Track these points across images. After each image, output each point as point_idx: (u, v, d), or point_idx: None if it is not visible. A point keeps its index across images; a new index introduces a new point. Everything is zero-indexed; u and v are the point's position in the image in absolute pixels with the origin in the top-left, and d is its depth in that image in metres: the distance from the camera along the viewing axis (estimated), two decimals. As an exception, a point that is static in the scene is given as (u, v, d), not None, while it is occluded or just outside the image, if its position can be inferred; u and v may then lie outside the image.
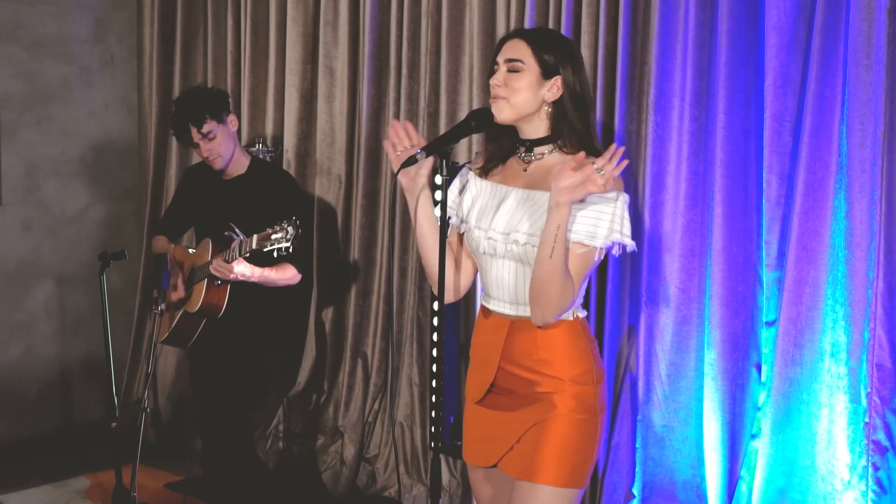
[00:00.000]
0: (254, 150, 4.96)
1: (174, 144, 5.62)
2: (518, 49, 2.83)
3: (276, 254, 3.73)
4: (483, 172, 2.98)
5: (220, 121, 4.16)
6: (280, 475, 5.07)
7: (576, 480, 2.83)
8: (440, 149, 2.87)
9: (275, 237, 3.70)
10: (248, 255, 3.87)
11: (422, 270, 4.67)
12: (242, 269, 3.96)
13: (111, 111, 5.80)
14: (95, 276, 4.81)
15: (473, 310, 3.94)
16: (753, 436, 3.69)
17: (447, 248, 2.94)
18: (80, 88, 5.67)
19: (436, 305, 4.24)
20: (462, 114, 4.43)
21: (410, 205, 2.92)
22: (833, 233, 3.45)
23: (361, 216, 4.88)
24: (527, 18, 4.12)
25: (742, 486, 3.71)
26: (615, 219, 2.75)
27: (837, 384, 3.47)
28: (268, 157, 5.03)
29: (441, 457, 4.29)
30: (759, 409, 3.67)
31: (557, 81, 2.82)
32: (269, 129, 5.23)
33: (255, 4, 5.26)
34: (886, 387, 3.38)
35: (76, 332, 5.73)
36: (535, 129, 2.87)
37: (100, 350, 5.38)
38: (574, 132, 2.84)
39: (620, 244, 2.78)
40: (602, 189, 2.65)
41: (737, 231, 3.67)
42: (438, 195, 4.19)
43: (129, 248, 5.00)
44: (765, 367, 3.66)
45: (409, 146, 2.88)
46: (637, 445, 3.91)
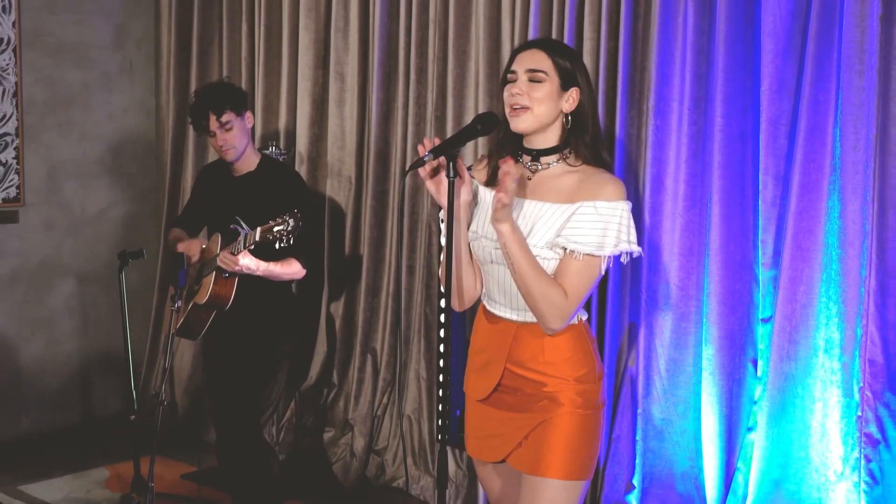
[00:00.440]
0: (267, 152, 4.97)
1: (191, 147, 5.64)
2: (539, 59, 2.81)
3: (279, 245, 3.75)
4: (490, 180, 2.96)
5: (239, 114, 4.19)
6: (292, 466, 5.08)
7: (583, 473, 2.85)
8: (448, 151, 2.87)
9: (277, 229, 3.71)
10: (253, 248, 3.88)
11: (429, 269, 4.67)
12: (247, 262, 3.96)
13: (130, 115, 5.81)
14: (115, 274, 4.84)
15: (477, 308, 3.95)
16: (749, 429, 3.69)
17: (470, 258, 2.96)
18: (101, 93, 5.68)
19: (443, 303, 4.25)
20: (468, 117, 4.44)
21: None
22: (827, 232, 3.45)
23: (371, 216, 4.89)
24: (531, 26, 4.12)
25: (738, 478, 3.71)
26: (622, 228, 2.74)
27: (831, 379, 3.47)
28: (281, 159, 5.04)
29: (448, 449, 4.29)
30: (755, 403, 3.68)
31: (574, 92, 2.81)
32: (282, 132, 5.24)
33: (269, 12, 5.27)
34: (878, 381, 3.38)
35: (96, 329, 5.74)
36: (546, 140, 2.85)
37: (119, 345, 5.39)
38: (585, 144, 2.82)
39: (628, 252, 2.78)
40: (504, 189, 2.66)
41: (734, 231, 3.67)
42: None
43: (147, 248, 5.02)
44: (761, 363, 3.66)
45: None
46: (637, 438, 3.91)
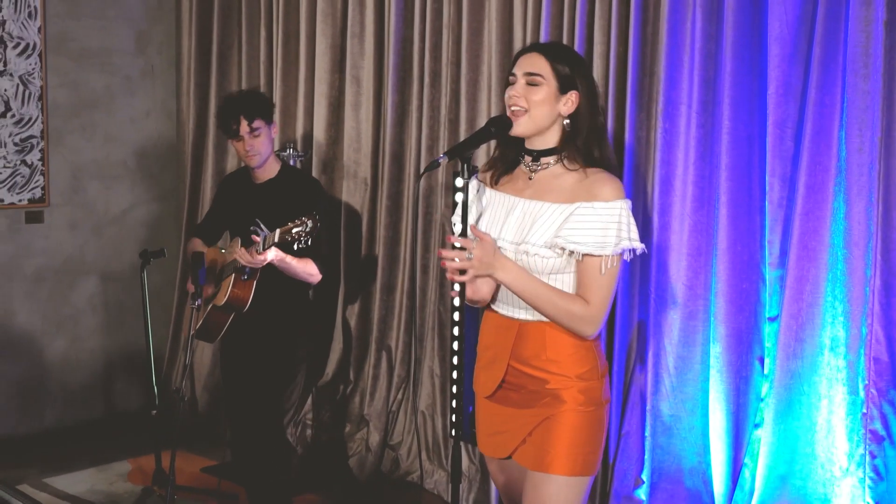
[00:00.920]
0: (285, 154, 4.98)
1: (210, 149, 5.65)
2: (536, 63, 2.81)
3: (297, 246, 3.76)
4: (493, 182, 2.97)
5: (268, 123, 4.23)
6: (309, 461, 5.08)
7: (586, 469, 2.85)
8: (461, 153, 2.87)
9: (295, 230, 3.72)
10: (272, 249, 3.91)
11: (443, 269, 4.66)
12: (267, 253, 3.97)
13: (151, 118, 5.83)
14: (137, 273, 4.85)
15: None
16: (756, 425, 3.68)
17: None
18: (123, 97, 5.69)
19: (456, 301, 4.25)
20: (481, 121, 4.44)
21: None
22: (832, 233, 3.44)
23: (386, 217, 4.89)
24: (542, 31, 4.12)
25: (745, 473, 3.70)
26: (622, 226, 2.74)
27: (836, 377, 3.46)
28: (298, 161, 5.04)
29: (461, 444, 4.29)
30: (762, 400, 3.66)
31: (573, 96, 2.81)
32: (300, 135, 5.24)
33: (287, 18, 5.27)
34: (883, 379, 3.37)
35: (119, 326, 5.76)
36: (545, 141, 2.85)
37: (141, 342, 5.40)
38: (577, 149, 2.82)
39: (631, 249, 2.77)
40: (462, 267, 2.71)
41: (741, 231, 3.66)
42: (459, 197, 4.21)
43: (168, 247, 5.02)
44: (767, 361, 3.65)
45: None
46: (646, 434, 3.90)
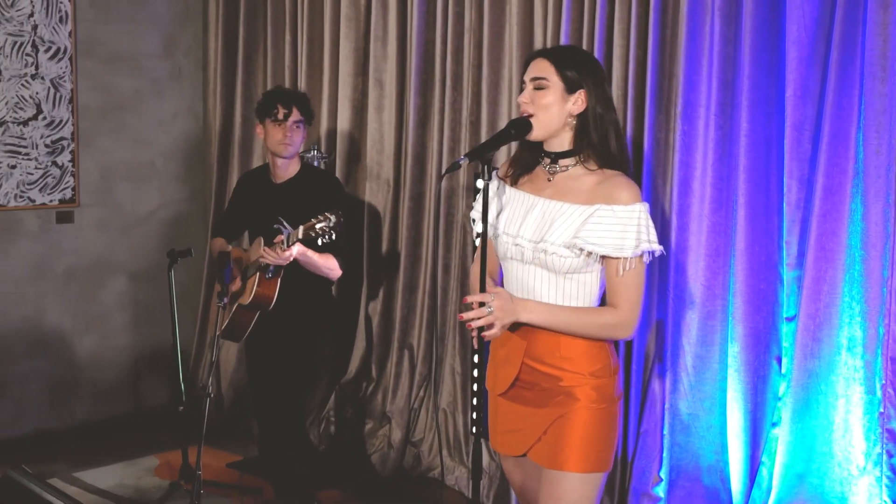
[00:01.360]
0: (309, 156, 4.99)
1: (236, 150, 5.66)
2: (542, 67, 2.83)
3: (321, 241, 3.76)
4: (512, 181, 2.98)
5: (307, 123, 4.34)
6: (332, 456, 5.09)
7: (600, 466, 2.84)
8: (482, 155, 2.87)
9: (319, 226, 3.73)
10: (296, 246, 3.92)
11: (464, 268, 4.67)
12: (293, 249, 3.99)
13: (179, 120, 5.85)
14: (164, 272, 4.86)
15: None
16: (774, 424, 3.66)
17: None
18: (151, 99, 5.72)
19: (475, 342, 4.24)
20: (501, 123, 4.43)
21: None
22: (850, 234, 3.41)
23: (408, 217, 4.89)
24: (562, 34, 4.11)
25: (763, 471, 3.68)
26: (640, 228, 2.74)
27: (853, 376, 3.43)
28: (322, 163, 5.05)
29: (481, 441, 4.29)
30: (780, 399, 3.64)
31: (581, 95, 2.81)
32: (324, 137, 5.25)
33: (311, 22, 5.28)
34: (900, 379, 3.35)
35: (146, 324, 5.78)
36: (561, 143, 2.87)
37: (168, 340, 5.42)
38: (593, 147, 2.83)
39: (649, 251, 2.77)
40: (487, 322, 2.72)
41: (759, 232, 3.64)
42: (480, 198, 4.21)
43: (195, 246, 5.04)
44: (785, 360, 3.63)
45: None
46: (664, 432, 3.89)
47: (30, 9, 5.19)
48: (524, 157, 2.95)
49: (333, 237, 3.74)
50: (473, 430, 4.25)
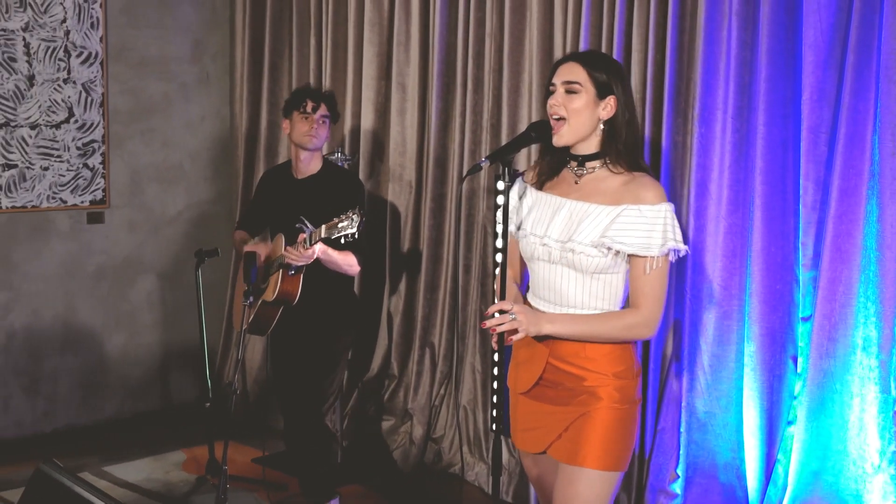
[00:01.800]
0: (333, 158, 5.00)
1: (262, 153, 5.68)
2: (574, 71, 2.81)
3: (344, 240, 3.77)
4: (538, 184, 2.97)
5: (334, 120, 4.39)
6: (354, 452, 5.10)
7: (618, 464, 2.85)
8: (503, 157, 2.88)
9: (341, 225, 3.73)
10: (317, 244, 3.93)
11: (484, 268, 4.67)
12: (315, 248, 4.00)
13: (206, 123, 5.87)
14: (191, 271, 4.89)
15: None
16: (790, 422, 3.64)
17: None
18: (179, 103, 5.75)
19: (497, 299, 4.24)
20: (522, 126, 4.43)
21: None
22: (865, 235, 3.39)
23: (430, 218, 4.89)
24: (581, 39, 4.10)
25: (779, 469, 3.66)
26: (666, 228, 2.74)
27: (868, 375, 3.41)
28: (346, 164, 5.06)
29: (501, 438, 4.29)
30: (795, 398, 3.63)
31: (611, 101, 2.80)
32: (347, 140, 5.26)
33: (335, 27, 5.29)
34: (915, 378, 3.33)
35: (174, 322, 5.81)
36: (588, 146, 2.86)
37: (195, 338, 5.46)
38: (620, 151, 2.82)
39: (675, 250, 2.77)
40: (512, 327, 2.72)
41: (775, 234, 3.63)
42: (500, 200, 4.21)
43: (222, 247, 5.06)
44: (800, 360, 3.61)
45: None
46: (681, 430, 3.88)
47: (62, 15, 5.23)
48: (550, 161, 2.95)
49: (356, 236, 3.75)
50: (494, 428, 4.25)
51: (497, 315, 2.76)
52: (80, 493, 2.86)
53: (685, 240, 3.74)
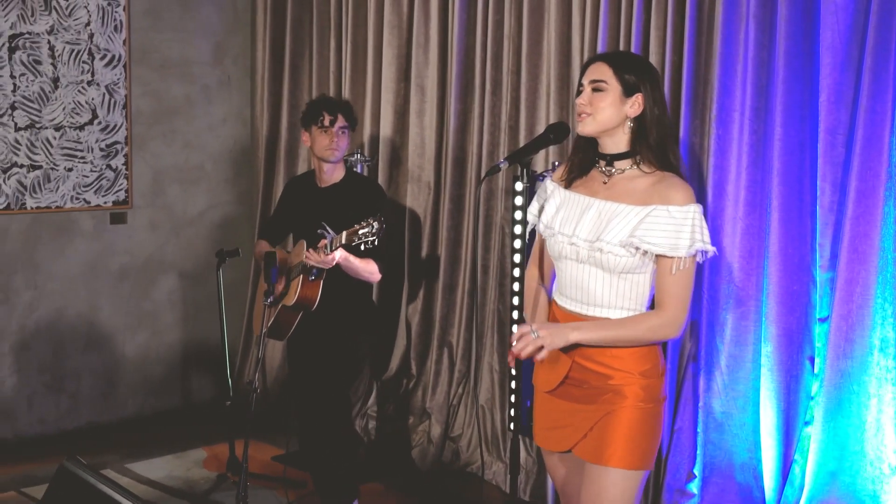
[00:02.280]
0: (353, 159, 5.01)
1: (282, 154, 5.70)
2: (601, 71, 2.82)
3: (364, 247, 3.78)
4: (567, 183, 2.96)
5: (352, 128, 4.35)
6: (373, 451, 5.10)
7: (643, 463, 2.83)
8: (521, 159, 2.88)
9: (362, 232, 3.74)
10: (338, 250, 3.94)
11: (502, 268, 4.67)
12: (335, 253, 4.00)
13: (227, 125, 5.89)
14: (212, 271, 4.91)
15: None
16: (807, 423, 3.63)
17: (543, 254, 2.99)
18: (201, 105, 5.77)
19: (515, 300, 4.24)
20: (540, 127, 4.43)
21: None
22: (883, 237, 3.38)
23: (448, 219, 4.89)
24: (599, 41, 4.10)
25: (796, 469, 3.65)
26: (695, 228, 2.73)
27: (885, 376, 3.40)
28: (365, 166, 5.07)
29: (519, 438, 4.28)
30: (812, 399, 3.61)
31: (639, 98, 2.80)
32: (366, 141, 5.27)
33: (355, 30, 5.30)
34: (932, 379, 3.31)
35: (195, 321, 5.83)
36: (617, 144, 2.84)
37: (216, 337, 5.47)
38: (651, 149, 2.81)
39: (703, 251, 2.76)
40: (537, 346, 2.71)
41: (792, 235, 3.62)
42: (519, 201, 4.21)
43: (243, 247, 5.08)
44: (818, 360, 3.60)
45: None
46: (698, 430, 3.87)
47: (86, 18, 5.26)
48: (580, 160, 2.94)
49: (375, 243, 3.76)
50: (512, 427, 4.25)
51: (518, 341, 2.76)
52: (103, 490, 2.87)
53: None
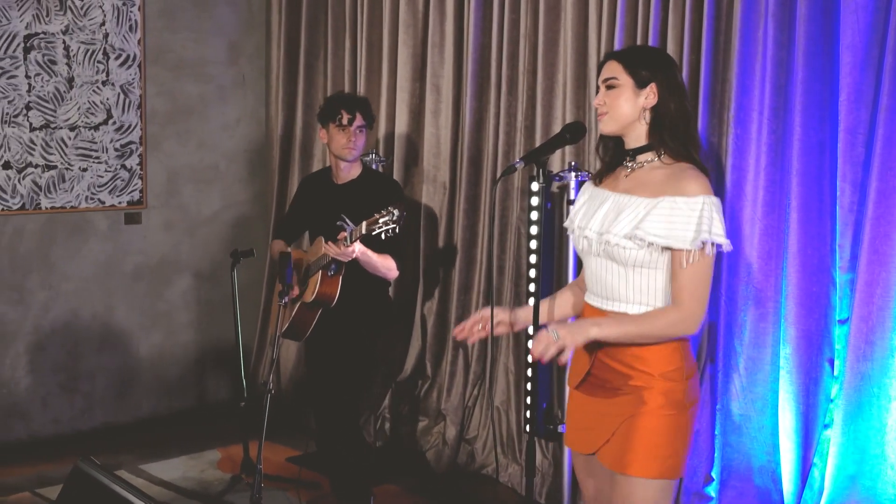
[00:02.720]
0: (367, 159, 5.01)
1: (297, 154, 5.71)
2: (612, 68, 2.83)
3: (384, 236, 3.77)
4: (598, 181, 2.97)
5: (370, 126, 4.38)
6: (388, 452, 5.10)
7: (666, 472, 2.77)
8: (537, 159, 2.87)
9: (382, 221, 3.73)
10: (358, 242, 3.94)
11: (518, 269, 4.66)
12: (355, 246, 4.00)
13: (242, 125, 5.91)
14: (227, 272, 4.92)
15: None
16: (826, 426, 3.61)
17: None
18: (216, 105, 5.78)
19: (531, 301, 4.23)
20: (556, 127, 4.42)
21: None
22: (903, 238, 3.36)
23: (463, 219, 4.89)
24: (616, 40, 4.08)
25: (815, 473, 3.63)
26: (703, 220, 2.69)
27: (906, 379, 3.38)
28: (380, 166, 5.07)
29: (535, 440, 4.27)
30: (832, 401, 3.59)
31: (653, 88, 2.79)
32: (381, 141, 5.27)
33: (370, 29, 5.30)
34: (954, 382, 3.28)
35: (210, 321, 5.84)
36: (638, 138, 2.84)
37: (230, 337, 5.48)
38: (669, 138, 2.79)
39: (712, 243, 2.72)
40: (559, 347, 2.69)
41: (811, 235, 3.60)
42: (535, 201, 4.20)
43: (257, 247, 5.09)
44: (837, 362, 3.58)
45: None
46: (716, 432, 3.85)
47: (101, 18, 5.28)
48: (609, 158, 2.94)
49: (396, 231, 3.74)
50: (528, 429, 4.24)
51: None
52: (117, 491, 2.88)
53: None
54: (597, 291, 2.88)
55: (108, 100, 5.34)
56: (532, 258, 4.22)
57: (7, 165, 5.07)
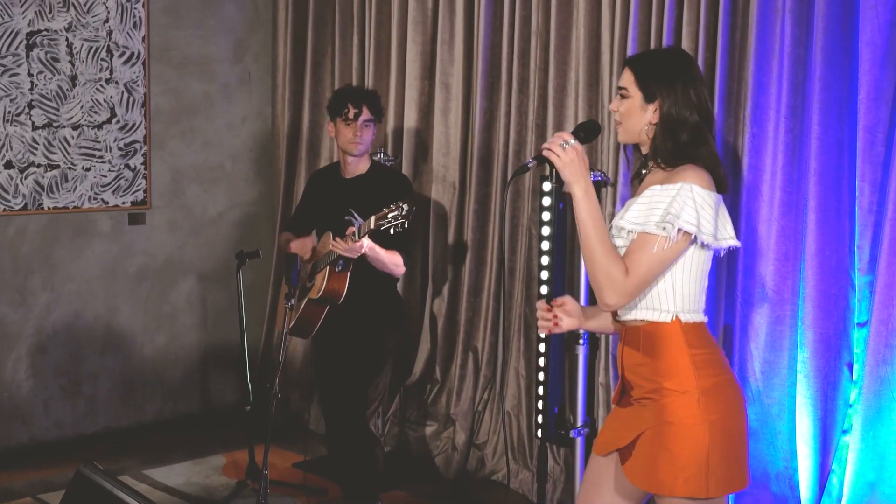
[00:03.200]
0: (376, 159, 5.00)
1: (304, 154, 5.71)
2: (625, 77, 2.85)
3: (393, 230, 3.76)
4: (633, 188, 3.01)
5: (378, 120, 4.35)
6: (396, 458, 5.10)
7: (692, 490, 2.66)
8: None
9: (391, 215, 3.73)
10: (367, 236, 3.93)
11: (529, 271, 4.66)
12: (363, 241, 3.99)
13: (248, 124, 5.91)
14: (232, 273, 4.92)
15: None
16: (845, 431, 3.59)
17: None
18: (221, 103, 5.79)
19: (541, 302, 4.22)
20: (568, 126, 4.41)
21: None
22: (924, 239, 3.34)
23: (473, 220, 4.88)
24: (630, 37, 4.07)
25: (833, 479, 3.61)
26: (673, 205, 2.64)
27: (927, 384, 3.36)
28: (389, 166, 5.07)
29: (547, 445, 4.26)
30: (851, 406, 3.57)
31: (656, 106, 2.79)
32: (390, 140, 5.27)
33: (379, 26, 5.30)
34: (976, 387, 3.26)
35: (215, 324, 5.85)
36: (647, 145, 2.86)
37: (235, 340, 5.48)
38: (667, 152, 2.79)
39: (677, 230, 2.67)
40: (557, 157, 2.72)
41: (830, 237, 3.58)
42: (546, 201, 4.19)
43: (263, 248, 5.09)
44: (856, 367, 3.56)
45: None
46: (731, 438, 3.83)
47: (105, 15, 5.29)
48: (637, 166, 2.98)
49: (406, 225, 3.74)
50: (539, 434, 4.23)
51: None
52: (121, 497, 2.88)
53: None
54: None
55: (112, 98, 5.35)
56: (544, 259, 4.21)
57: (9, 165, 5.08)
